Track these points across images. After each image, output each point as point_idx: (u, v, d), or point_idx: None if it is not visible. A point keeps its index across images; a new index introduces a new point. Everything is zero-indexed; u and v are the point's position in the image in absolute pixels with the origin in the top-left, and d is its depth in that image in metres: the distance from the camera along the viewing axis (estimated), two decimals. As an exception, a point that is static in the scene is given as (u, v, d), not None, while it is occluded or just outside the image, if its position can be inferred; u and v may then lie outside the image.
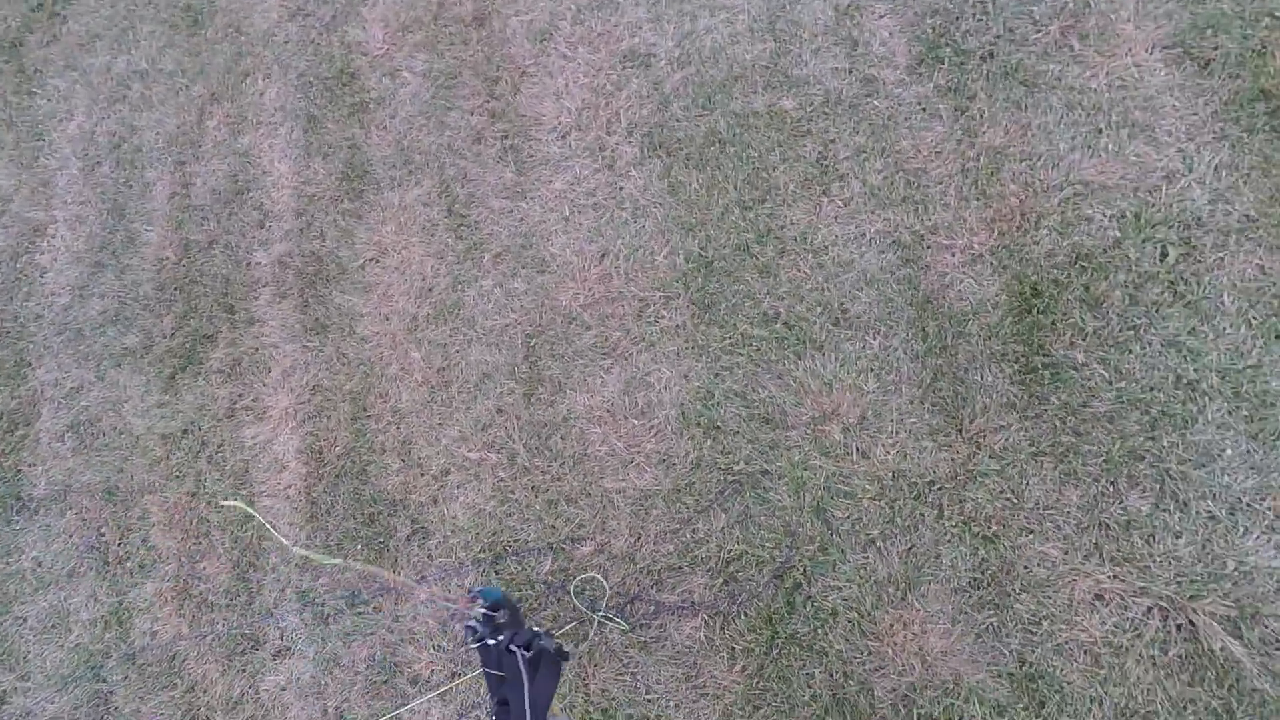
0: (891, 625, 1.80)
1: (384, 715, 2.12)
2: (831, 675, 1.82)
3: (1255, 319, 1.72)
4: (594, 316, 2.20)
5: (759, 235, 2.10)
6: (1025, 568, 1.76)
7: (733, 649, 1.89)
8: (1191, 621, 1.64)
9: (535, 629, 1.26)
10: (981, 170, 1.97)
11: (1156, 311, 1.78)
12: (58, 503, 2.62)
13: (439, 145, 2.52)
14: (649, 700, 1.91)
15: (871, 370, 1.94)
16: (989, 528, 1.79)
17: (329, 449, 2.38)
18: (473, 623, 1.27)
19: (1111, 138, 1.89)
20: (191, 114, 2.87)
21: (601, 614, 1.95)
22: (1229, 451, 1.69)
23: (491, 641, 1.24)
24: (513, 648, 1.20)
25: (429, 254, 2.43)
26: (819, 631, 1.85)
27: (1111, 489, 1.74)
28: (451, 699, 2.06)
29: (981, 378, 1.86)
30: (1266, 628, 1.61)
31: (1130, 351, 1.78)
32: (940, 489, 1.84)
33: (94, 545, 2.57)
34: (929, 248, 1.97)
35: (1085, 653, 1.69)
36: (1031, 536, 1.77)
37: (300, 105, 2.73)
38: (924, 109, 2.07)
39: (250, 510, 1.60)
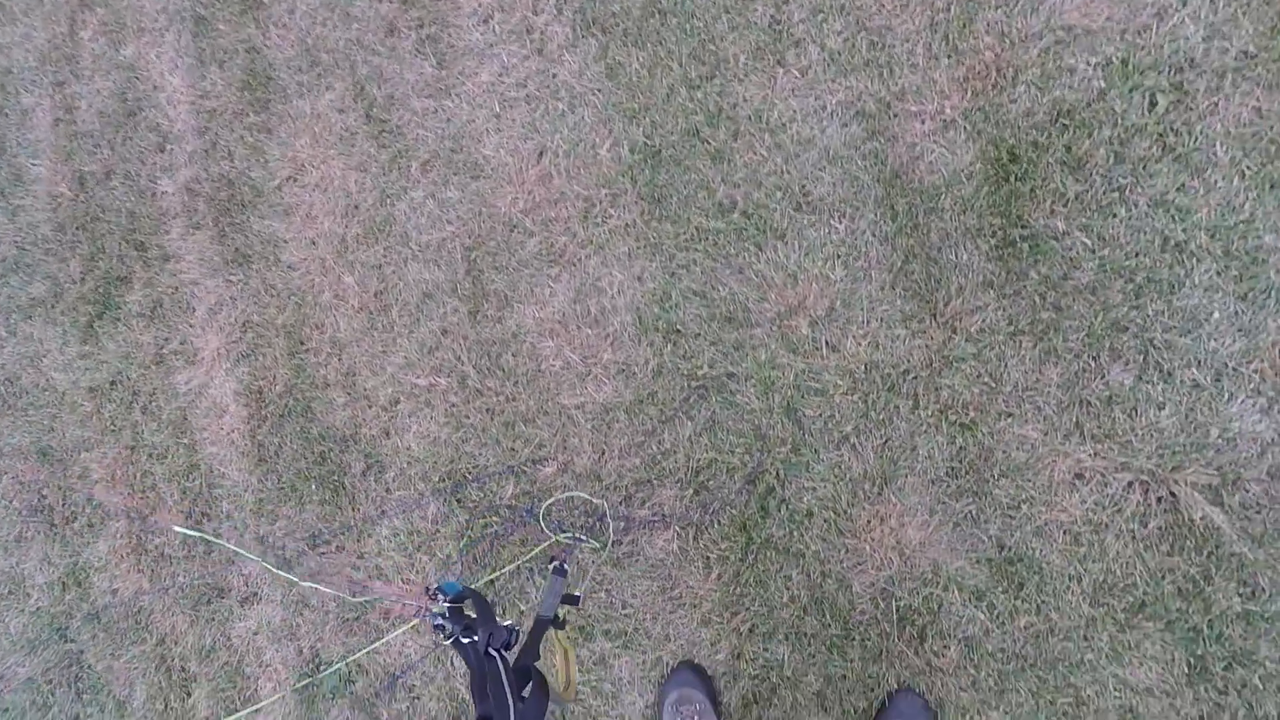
0: (868, 521, 1.74)
1: (360, 650, 2.07)
2: (809, 576, 1.77)
3: (1249, 168, 1.58)
4: (536, 222, 2.01)
5: (709, 117, 1.88)
6: (1004, 452, 1.68)
7: (707, 558, 1.83)
8: (1172, 493, 1.59)
9: (510, 623, 1.13)
10: (952, 22, 1.75)
11: (1143, 169, 1.63)
12: (-10, 468, 2.47)
13: (348, 41, 2.22)
14: (625, 615, 1.87)
15: (838, 257, 1.79)
16: (966, 414, 1.71)
17: (269, 388, 2.23)
18: (439, 620, 1.16)
19: (1098, -28, 1.67)
20: (61, 24, 2.51)
21: (570, 535, 1.87)
22: (1216, 315, 1.58)
23: (466, 640, 1.11)
24: (492, 650, 1.08)
25: (350, 167, 2.19)
26: (795, 534, 1.79)
27: (1093, 364, 1.64)
28: (425, 630, 2.02)
29: (956, 256, 1.72)
30: (1247, 491, 1.57)
31: (1114, 215, 1.64)
32: (915, 378, 1.74)
33: (37, 508, 2.44)
34: (896, 116, 1.78)
35: (1065, 533, 1.65)
36: (1010, 420, 1.68)
37: (185, 5, 2.39)
38: (888, -45, 1.81)
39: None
